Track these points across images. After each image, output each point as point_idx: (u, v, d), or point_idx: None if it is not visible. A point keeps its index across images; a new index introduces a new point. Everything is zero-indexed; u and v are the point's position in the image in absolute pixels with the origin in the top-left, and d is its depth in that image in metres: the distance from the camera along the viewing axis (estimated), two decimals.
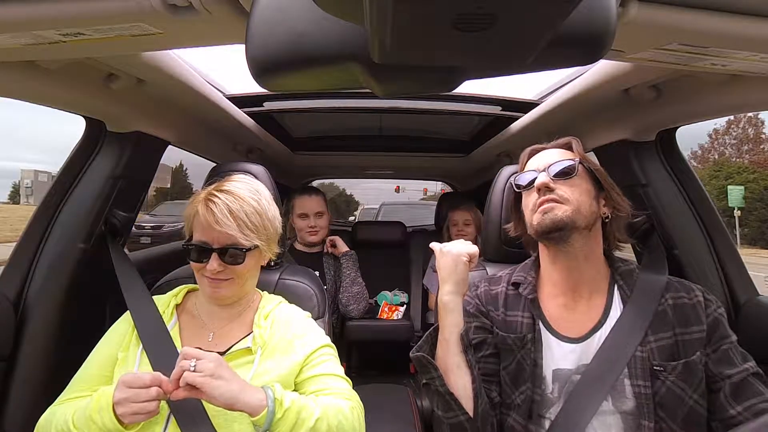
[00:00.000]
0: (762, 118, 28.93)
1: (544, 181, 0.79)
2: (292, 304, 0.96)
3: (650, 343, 0.75)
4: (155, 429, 0.75)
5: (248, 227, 0.81)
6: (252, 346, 0.83)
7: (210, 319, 0.88)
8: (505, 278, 0.92)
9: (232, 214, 0.80)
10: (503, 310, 0.87)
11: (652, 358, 0.74)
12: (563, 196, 0.78)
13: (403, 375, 2.04)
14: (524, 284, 0.87)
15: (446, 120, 1.87)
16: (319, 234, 1.86)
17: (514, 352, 0.82)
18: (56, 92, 0.89)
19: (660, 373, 0.73)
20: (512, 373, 0.82)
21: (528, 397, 0.79)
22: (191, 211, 0.84)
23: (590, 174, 0.82)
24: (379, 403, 1.15)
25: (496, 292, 0.91)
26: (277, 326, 0.87)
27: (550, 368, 0.79)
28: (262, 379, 0.80)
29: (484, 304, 0.90)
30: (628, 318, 0.77)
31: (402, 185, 18.11)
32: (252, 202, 0.84)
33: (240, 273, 0.84)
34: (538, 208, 0.79)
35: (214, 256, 0.80)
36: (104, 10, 0.57)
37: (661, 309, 0.77)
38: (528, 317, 0.84)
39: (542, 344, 0.81)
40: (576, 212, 0.77)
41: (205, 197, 0.82)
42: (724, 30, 0.57)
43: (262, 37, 0.38)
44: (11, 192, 58.86)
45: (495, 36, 0.30)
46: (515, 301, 0.87)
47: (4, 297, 1.00)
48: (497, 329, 0.86)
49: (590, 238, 0.81)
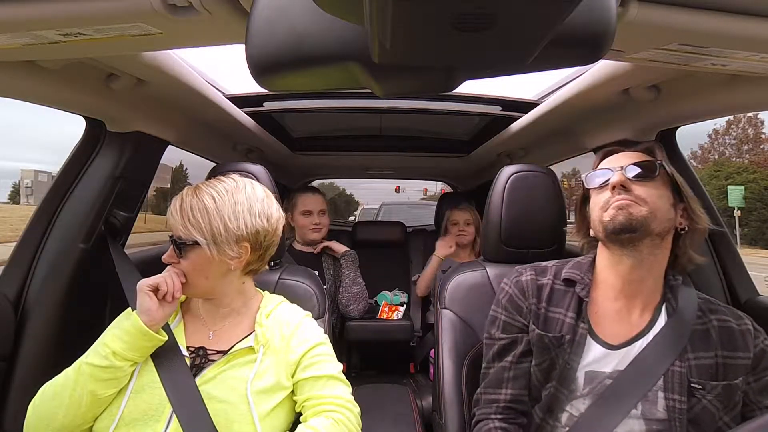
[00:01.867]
0: (762, 118, 28.95)
1: (620, 179, 0.75)
2: (293, 304, 0.96)
3: (689, 360, 0.74)
4: (157, 428, 0.75)
5: (189, 221, 0.80)
6: (254, 345, 0.82)
7: (210, 318, 0.88)
8: (551, 271, 0.88)
9: (181, 207, 0.82)
10: (545, 305, 0.84)
11: (690, 374, 0.73)
12: (640, 197, 0.74)
13: (403, 375, 2.04)
14: (581, 284, 0.83)
15: (446, 120, 1.87)
16: (322, 232, 1.86)
17: (549, 351, 0.80)
18: (56, 92, 0.89)
19: (698, 390, 0.72)
20: (544, 370, 0.81)
21: (552, 394, 0.78)
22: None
23: (671, 180, 0.78)
24: (379, 403, 1.15)
25: (542, 283, 0.87)
26: (278, 325, 0.87)
27: (584, 370, 0.78)
28: (263, 378, 0.80)
29: (527, 294, 0.86)
30: (671, 331, 0.75)
31: (402, 185, 18.10)
32: (206, 198, 0.81)
33: (185, 270, 0.82)
34: (611, 204, 0.75)
35: (171, 245, 0.82)
36: (104, 10, 0.57)
37: (704, 328, 0.76)
38: (572, 317, 0.81)
39: (582, 347, 0.78)
40: (651, 215, 0.73)
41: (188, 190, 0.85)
42: (724, 30, 0.57)
43: (262, 37, 0.38)
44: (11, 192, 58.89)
45: (495, 36, 0.30)
46: (560, 298, 0.84)
47: (4, 297, 1.00)
48: (534, 325, 0.83)
49: (660, 248, 0.77)
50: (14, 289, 1.02)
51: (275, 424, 0.80)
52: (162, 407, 0.76)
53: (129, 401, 0.76)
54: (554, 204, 1.09)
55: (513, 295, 0.88)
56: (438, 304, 1.09)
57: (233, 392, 0.78)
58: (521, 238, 1.08)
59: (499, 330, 0.87)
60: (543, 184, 1.09)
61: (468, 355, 1.00)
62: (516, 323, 0.85)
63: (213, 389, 0.78)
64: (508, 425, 0.81)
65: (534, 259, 1.01)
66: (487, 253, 1.13)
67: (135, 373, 0.79)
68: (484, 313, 1.04)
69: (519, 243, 1.09)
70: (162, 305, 0.79)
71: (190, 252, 0.81)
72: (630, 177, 0.76)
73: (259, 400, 0.78)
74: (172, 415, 0.75)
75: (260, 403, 0.78)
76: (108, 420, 0.76)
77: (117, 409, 0.75)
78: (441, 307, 1.07)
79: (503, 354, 0.85)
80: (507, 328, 0.86)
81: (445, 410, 0.96)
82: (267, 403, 0.79)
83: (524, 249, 1.09)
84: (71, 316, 1.07)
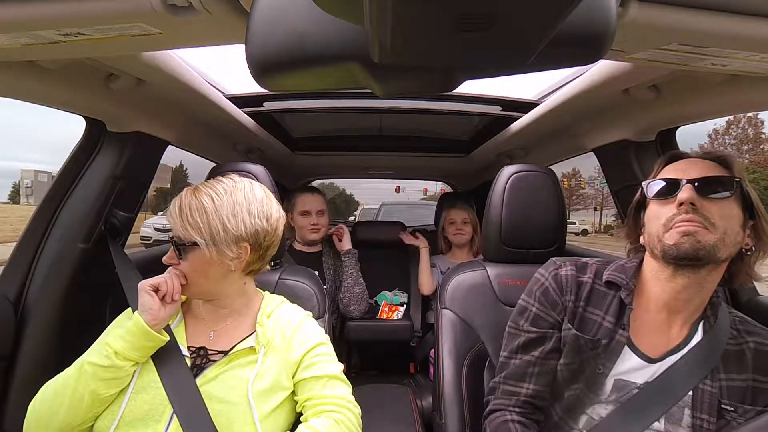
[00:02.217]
0: (762, 118, 28.94)
1: (690, 196, 0.67)
2: (293, 304, 0.96)
3: (721, 380, 0.71)
4: (157, 428, 0.75)
5: (188, 222, 0.80)
6: (255, 346, 0.82)
7: (211, 319, 0.88)
8: (592, 269, 0.83)
9: (181, 208, 0.81)
10: (583, 304, 0.80)
11: (721, 395, 0.70)
12: (709, 220, 0.67)
13: (403, 375, 2.04)
14: (625, 289, 0.78)
15: (446, 120, 1.87)
16: (320, 232, 1.86)
17: (582, 353, 0.77)
18: (56, 92, 0.89)
19: (729, 412, 0.69)
20: (573, 371, 0.77)
21: (577, 396, 0.76)
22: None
23: (745, 198, 0.70)
24: (379, 403, 1.15)
25: (582, 281, 0.82)
26: (279, 325, 0.87)
27: (614, 377, 0.75)
28: (264, 378, 0.80)
29: (565, 290, 0.81)
30: (704, 348, 0.72)
31: (402, 185, 18.12)
32: (205, 199, 0.81)
33: (185, 271, 0.82)
34: (676, 225, 0.68)
35: (171, 246, 0.82)
36: (104, 10, 0.57)
37: (738, 349, 0.73)
38: (610, 322, 0.77)
39: (617, 354, 0.75)
40: (721, 242, 0.67)
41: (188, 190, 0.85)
42: (724, 30, 0.57)
43: (262, 37, 0.38)
44: (11, 192, 58.87)
45: (495, 36, 0.30)
46: (600, 299, 0.80)
47: (4, 297, 1.00)
48: (569, 323, 0.79)
49: (718, 270, 0.71)
50: (14, 289, 1.02)
51: (276, 425, 0.80)
52: (163, 407, 0.76)
53: (130, 401, 0.76)
54: (554, 204, 1.09)
55: (550, 288, 0.83)
56: (438, 304, 1.09)
57: (234, 392, 0.78)
58: (521, 238, 1.08)
59: (528, 322, 0.83)
60: (543, 184, 1.09)
61: (468, 355, 1.00)
62: (548, 318, 0.81)
63: (214, 389, 0.78)
64: (526, 420, 0.79)
65: (534, 259, 1.02)
66: (488, 252, 1.13)
67: (136, 373, 0.79)
68: (485, 313, 1.04)
69: (519, 243, 1.09)
70: (164, 305, 0.79)
71: (190, 253, 0.80)
72: (702, 194, 0.67)
73: (260, 400, 0.78)
74: (173, 415, 0.75)
75: (261, 404, 0.78)
76: (109, 420, 0.76)
77: (118, 409, 0.76)
78: (441, 307, 1.07)
79: (530, 347, 0.82)
80: (537, 322, 0.82)
81: (445, 410, 0.96)
82: (268, 403, 0.79)
83: (524, 249, 1.09)
84: (71, 316, 1.07)
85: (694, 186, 0.68)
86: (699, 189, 0.68)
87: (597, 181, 36.71)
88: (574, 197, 45.16)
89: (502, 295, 1.06)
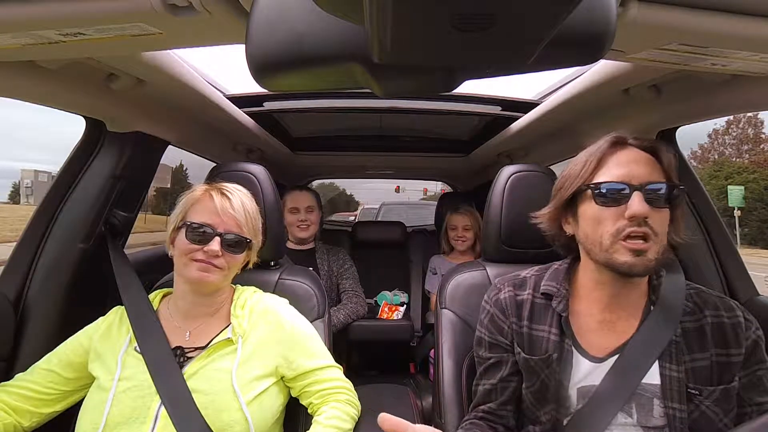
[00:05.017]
0: (762, 118, 28.98)
1: (645, 211, 0.65)
2: (267, 292, 0.98)
3: (686, 363, 0.69)
4: (146, 420, 0.75)
5: (252, 222, 0.88)
6: (232, 337, 0.84)
7: (184, 321, 0.89)
8: (530, 282, 0.83)
9: (244, 205, 0.87)
10: (527, 323, 0.79)
11: (687, 379, 0.68)
12: (654, 230, 0.66)
13: (403, 375, 2.04)
14: (557, 297, 0.78)
15: (446, 120, 1.87)
16: (310, 230, 1.86)
17: (538, 372, 0.76)
18: (56, 92, 0.89)
19: (695, 396, 0.68)
20: (536, 393, 0.76)
21: (553, 417, 0.74)
22: (193, 196, 0.87)
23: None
24: (379, 403, 1.15)
25: (522, 299, 0.81)
26: (256, 314, 0.89)
27: (576, 387, 0.74)
28: (247, 365, 0.82)
29: (507, 314, 0.82)
30: (648, 332, 0.71)
31: (402, 185, 18.10)
32: (254, 204, 0.92)
33: (233, 263, 0.87)
34: (626, 239, 0.66)
35: (216, 239, 0.83)
36: (104, 10, 0.57)
37: (698, 325, 0.71)
38: (555, 334, 0.76)
39: (570, 364, 0.74)
40: (661, 248, 0.67)
41: (217, 187, 0.88)
42: (724, 30, 0.57)
43: (262, 37, 0.38)
44: (11, 192, 58.88)
45: (495, 36, 0.30)
46: (542, 313, 0.79)
47: (4, 297, 1.00)
48: (519, 348, 0.79)
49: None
50: (14, 289, 1.02)
51: (265, 408, 0.82)
52: (146, 408, 0.76)
53: (112, 406, 0.76)
54: None
55: (494, 315, 0.84)
56: (438, 304, 1.09)
57: (218, 384, 0.79)
58: (521, 238, 1.08)
59: (485, 349, 0.84)
60: (543, 184, 1.09)
61: (468, 355, 1.00)
62: (500, 343, 0.82)
63: (197, 384, 0.79)
64: (483, 423, 0.80)
65: (534, 259, 1.01)
66: (487, 252, 1.13)
67: (115, 379, 0.79)
68: None
69: (519, 243, 1.09)
70: None
71: (246, 250, 0.89)
72: (652, 205, 0.66)
73: (246, 387, 0.80)
74: (160, 407, 0.76)
75: (247, 390, 0.80)
76: (91, 427, 0.76)
77: (101, 416, 0.75)
78: (441, 307, 1.07)
79: (490, 373, 0.83)
80: (492, 348, 0.83)
81: (445, 410, 0.96)
82: (254, 389, 0.81)
83: (524, 249, 1.09)
84: (71, 316, 1.07)
85: (645, 196, 0.66)
86: (649, 200, 0.66)
87: None
88: None
89: None
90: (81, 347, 0.85)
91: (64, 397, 0.85)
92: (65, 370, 0.84)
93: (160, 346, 0.82)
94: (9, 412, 0.79)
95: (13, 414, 0.80)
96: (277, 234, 1.08)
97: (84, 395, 0.82)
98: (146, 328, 0.85)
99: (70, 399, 0.85)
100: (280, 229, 1.10)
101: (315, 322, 1.00)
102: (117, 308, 0.91)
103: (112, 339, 0.85)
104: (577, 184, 0.74)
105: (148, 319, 0.86)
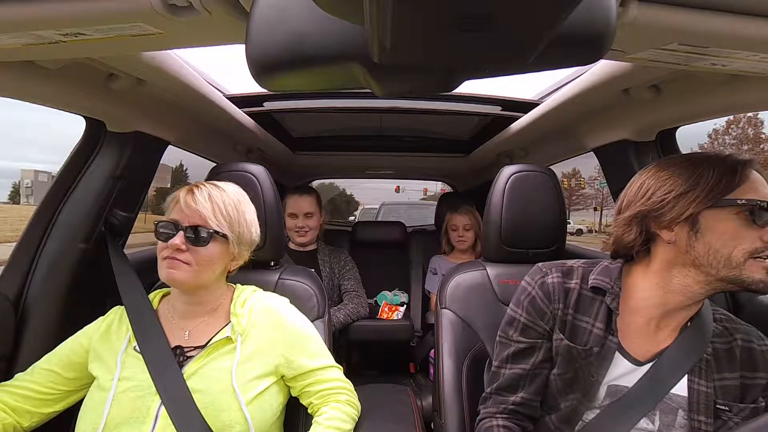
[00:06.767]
0: (762, 118, 28.95)
1: None
2: (267, 292, 0.98)
3: (714, 380, 0.72)
4: (146, 420, 0.75)
5: (221, 214, 0.83)
6: (232, 335, 0.84)
7: (184, 321, 0.88)
8: (578, 273, 0.82)
9: (211, 198, 0.84)
10: (572, 312, 0.79)
11: (716, 395, 0.71)
12: None
13: (403, 375, 2.04)
14: (611, 294, 0.77)
15: (446, 120, 1.87)
16: (308, 235, 1.84)
17: (574, 362, 0.76)
18: (56, 92, 0.89)
19: (724, 412, 0.70)
20: (567, 381, 0.77)
21: (574, 406, 0.76)
22: (173, 197, 0.86)
23: None
24: (379, 403, 1.15)
25: (569, 287, 0.80)
26: (257, 313, 0.89)
27: (607, 384, 0.75)
28: (246, 364, 0.82)
29: (552, 299, 0.80)
30: (688, 341, 0.73)
31: (402, 185, 18.12)
32: (233, 197, 0.87)
33: (201, 258, 0.82)
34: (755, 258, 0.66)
35: (179, 234, 0.81)
36: (104, 10, 0.57)
37: (728, 347, 0.74)
38: (600, 329, 0.76)
39: (609, 361, 0.75)
40: None
41: (192, 185, 0.86)
42: (724, 30, 0.57)
43: (262, 37, 0.38)
44: (11, 192, 58.87)
45: (495, 36, 0.30)
46: (588, 305, 0.79)
47: (4, 297, 1.00)
48: (561, 333, 0.78)
49: None
50: (14, 289, 1.02)
51: (264, 408, 0.82)
52: (146, 408, 0.76)
53: (112, 406, 0.76)
54: (554, 204, 1.09)
55: (537, 298, 0.81)
56: (438, 303, 1.09)
57: (218, 383, 0.79)
58: (521, 238, 1.08)
59: (517, 332, 0.82)
60: (543, 184, 1.09)
61: (468, 355, 1.00)
62: (537, 328, 0.81)
63: (196, 383, 0.79)
64: (513, 425, 0.80)
65: (534, 258, 1.01)
66: (488, 252, 1.13)
67: (115, 379, 0.79)
68: (485, 313, 1.04)
69: (519, 243, 1.09)
70: None
71: (213, 242, 0.84)
72: None
73: (245, 387, 0.80)
74: (160, 407, 0.76)
75: (246, 390, 0.80)
76: (91, 427, 0.76)
77: (101, 416, 0.75)
78: (441, 306, 1.07)
79: (520, 358, 0.81)
80: (527, 332, 0.81)
81: (445, 410, 0.96)
82: (254, 389, 0.81)
83: (524, 249, 1.09)
84: (71, 316, 1.07)
85: None
86: None
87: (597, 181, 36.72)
88: (574, 197, 45.18)
89: (502, 295, 1.06)
90: (81, 347, 0.85)
91: (64, 397, 0.84)
92: (65, 370, 0.84)
93: (160, 346, 0.82)
94: (9, 412, 0.79)
95: (13, 414, 0.80)
96: (276, 234, 1.08)
97: (84, 395, 0.82)
98: (146, 328, 0.85)
99: (69, 399, 0.85)
100: (280, 229, 1.10)
101: (315, 322, 1.00)
102: (117, 308, 0.91)
103: (112, 339, 0.85)
104: (717, 196, 0.68)
105: (148, 318, 0.86)
